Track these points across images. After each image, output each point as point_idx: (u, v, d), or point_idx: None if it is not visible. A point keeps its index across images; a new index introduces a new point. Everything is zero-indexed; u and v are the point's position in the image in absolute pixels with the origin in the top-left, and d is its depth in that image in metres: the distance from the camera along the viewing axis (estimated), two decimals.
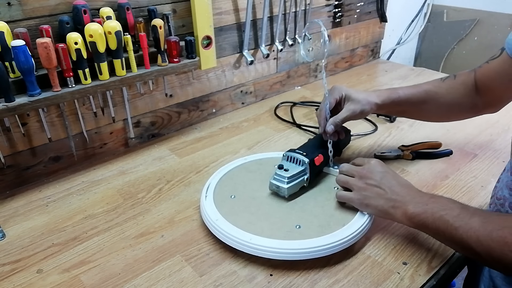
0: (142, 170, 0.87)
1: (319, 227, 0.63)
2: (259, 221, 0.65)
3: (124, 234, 0.68)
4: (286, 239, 0.60)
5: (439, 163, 0.85)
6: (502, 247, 0.47)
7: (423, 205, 0.57)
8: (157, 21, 0.81)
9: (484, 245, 0.49)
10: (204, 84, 1.05)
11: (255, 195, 0.71)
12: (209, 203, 0.69)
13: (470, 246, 0.50)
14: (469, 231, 0.50)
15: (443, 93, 0.76)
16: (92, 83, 0.76)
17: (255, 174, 0.77)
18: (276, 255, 0.59)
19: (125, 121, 0.92)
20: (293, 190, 0.70)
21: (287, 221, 0.65)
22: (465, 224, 0.51)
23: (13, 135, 0.77)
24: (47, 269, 0.62)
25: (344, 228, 0.62)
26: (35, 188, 0.81)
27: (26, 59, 0.66)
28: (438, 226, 0.54)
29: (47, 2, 0.73)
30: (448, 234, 0.53)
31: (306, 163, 0.70)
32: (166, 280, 0.59)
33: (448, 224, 0.53)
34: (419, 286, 0.57)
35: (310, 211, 0.67)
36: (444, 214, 0.54)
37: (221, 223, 0.64)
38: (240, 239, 0.61)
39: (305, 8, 1.18)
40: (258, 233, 0.61)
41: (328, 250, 0.59)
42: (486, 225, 0.50)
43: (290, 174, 0.68)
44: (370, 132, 0.99)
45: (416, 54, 1.91)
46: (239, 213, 0.66)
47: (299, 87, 1.29)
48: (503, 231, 0.48)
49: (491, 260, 0.49)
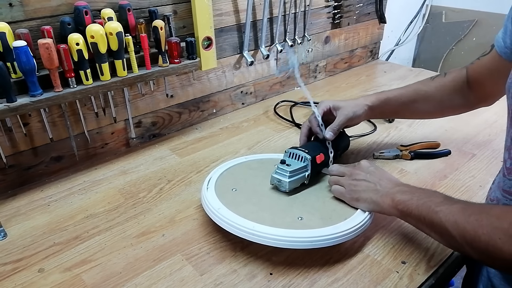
0: (143, 170, 0.87)
1: (321, 219, 0.63)
2: (261, 211, 0.64)
3: (125, 234, 0.69)
4: (289, 228, 0.60)
5: (437, 163, 0.86)
6: (476, 229, 0.48)
7: (410, 193, 0.59)
8: (158, 22, 0.82)
9: (460, 227, 0.50)
10: (205, 84, 1.05)
11: (256, 188, 0.71)
12: (211, 194, 0.68)
13: (446, 229, 0.51)
14: (448, 214, 0.51)
15: (432, 91, 0.79)
16: (94, 84, 0.77)
17: (256, 171, 0.77)
18: (280, 243, 0.58)
19: (126, 121, 0.93)
20: (294, 185, 0.70)
21: (289, 213, 0.65)
22: (445, 209, 0.52)
23: (15, 135, 0.77)
24: (48, 268, 0.62)
25: (346, 221, 0.62)
26: (37, 187, 0.82)
27: (27, 59, 0.67)
28: (420, 212, 0.55)
29: (49, 3, 0.74)
30: (428, 219, 0.54)
31: (308, 159, 0.71)
32: (167, 279, 0.60)
33: (430, 209, 0.54)
34: (418, 285, 0.58)
35: (311, 205, 0.67)
36: (427, 200, 0.55)
37: (223, 212, 0.63)
38: (243, 227, 0.60)
39: (304, 9, 1.18)
40: (261, 222, 0.61)
41: (333, 240, 0.59)
42: (466, 210, 0.51)
43: (292, 169, 0.69)
44: (369, 132, 1.00)
45: (415, 55, 1.91)
46: (241, 204, 0.66)
47: (298, 88, 1.30)
48: (481, 216, 0.49)
49: (464, 244, 0.49)
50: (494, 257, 0.47)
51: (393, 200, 0.59)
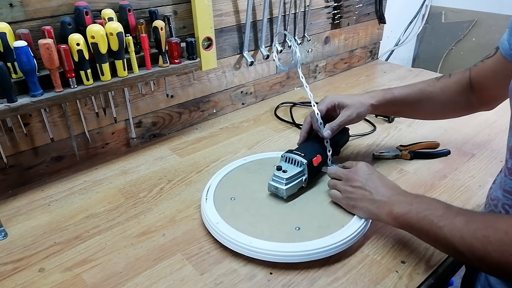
0: (144, 170, 0.87)
1: (318, 228, 0.64)
2: (259, 223, 0.65)
3: (126, 233, 0.69)
4: (286, 241, 0.61)
5: (437, 163, 0.86)
6: (486, 246, 0.47)
7: (408, 205, 0.57)
8: (158, 23, 0.82)
9: (467, 244, 0.49)
10: (205, 84, 1.05)
11: (254, 196, 0.72)
12: (210, 206, 0.69)
13: (453, 245, 0.50)
14: (453, 230, 0.50)
15: (437, 92, 0.77)
16: (94, 84, 0.77)
17: (254, 174, 0.78)
18: (276, 258, 0.60)
19: (126, 121, 0.93)
20: (292, 191, 0.70)
21: (287, 223, 0.65)
22: (449, 223, 0.51)
23: (16, 135, 0.77)
24: (49, 268, 0.62)
25: (343, 229, 0.63)
26: (38, 187, 0.82)
27: (28, 60, 0.67)
28: (422, 226, 0.54)
29: (49, 3, 0.74)
30: (432, 233, 0.53)
31: (304, 164, 0.70)
32: (167, 279, 0.60)
33: (433, 224, 0.53)
34: (417, 284, 0.58)
35: (309, 212, 0.68)
36: (428, 214, 0.54)
37: (221, 226, 0.64)
38: (240, 243, 0.61)
39: (304, 9, 1.19)
40: (258, 235, 0.62)
41: (327, 252, 0.60)
42: (470, 224, 0.50)
43: (288, 176, 0.69)
44: (369, 132, 1.00)
45: (415, 55, 1.91)
46: (239, 216, 0.67)
47: (298, 88, 1.30)
48: (487, 231, 0.48)
49: (474, 259, 0.49)
50: (507, 272, 0.46)
51: (391, 212, 0.58)
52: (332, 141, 0.77)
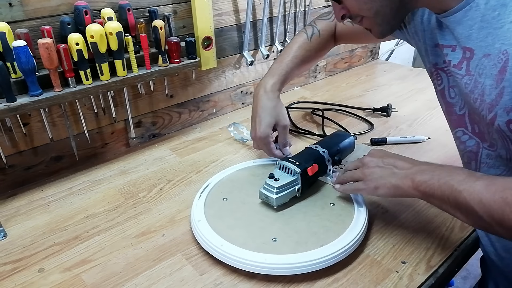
0: (143, 170, 0.87)
1: (295, 243, 0.61)
2: (238, 227, 0.64)
3: (125, 233, 0.69)
4: (256, 250, 0.59)
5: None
6: (503, 208, 0.46)
7: (430, 172, 0.56)
8: (158, 22, 0.82)
9: (486, 206, 0.48)
10: (205, 84, 1.05)
11: (246, 200, 0.71)
12: (200, 203, 0.69)
13: (473, 209, 0.50)
14: (472, 193, 0.50)
15: (313, 53, 0.88)
16: (93, 84, 0.77)
17: (256, 178, 0.76)
18: (240, 265, 0.59)
19: (126, 121, 0.93)
20: (283, 201, 0.68)
21: (266, 232, 0.63)
22: (469, 187, 0.50)
23: (15, 135, 0.77)
24: (48, 268, 0.62)
25: (320, 249, 0.59)
26: (37, 187, 0.82)
27: (27, 59, 0.67)
28: (443, 191, 0.53)
29: (49, 3, 0.74)
30: (452, 198, 0.52)
31: (297, 173, 0.68)
32: (167, 279, 0.60)
33: (453, 189, 0.52)
34: (417, 285, 0.58)
35: (293, 225, 0.65)
36: (449, 179, 0.53)
37: (201, 224, 0.64)
38: (212, 244, 0.61)
39: (304, 9, 1.18)
40: (232, 240, 0.61)
41: (290, 270, 0.58)
42: (490, 187, 0.49)
43: (279, 184, 0.66)
44: (367, 131, 1.00)
45: (415, 55, 1.91)
46: (222, 217, 0.67)
47: (298, 88, 1.30)
48: (505, 193, 0.47)
49: (494, 224, 0.48)
50: None
51: (413, 181, 0.57)
52: (329, 150, 0.75)
